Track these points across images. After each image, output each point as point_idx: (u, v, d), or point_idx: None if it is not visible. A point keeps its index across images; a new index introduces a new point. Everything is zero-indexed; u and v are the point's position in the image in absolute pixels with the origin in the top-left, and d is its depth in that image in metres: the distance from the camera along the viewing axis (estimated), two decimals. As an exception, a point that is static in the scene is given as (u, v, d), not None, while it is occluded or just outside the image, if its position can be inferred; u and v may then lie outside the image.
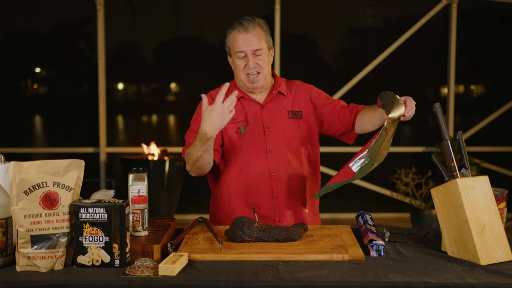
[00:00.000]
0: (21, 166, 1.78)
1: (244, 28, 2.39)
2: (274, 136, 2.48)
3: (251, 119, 2.49)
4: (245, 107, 2.51)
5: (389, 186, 6.40)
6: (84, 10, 6.51)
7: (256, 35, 2.40)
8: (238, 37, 2.40)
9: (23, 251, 1.76)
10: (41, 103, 6.84)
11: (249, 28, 2.39)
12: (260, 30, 2.42)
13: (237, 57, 2.43)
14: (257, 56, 2.41)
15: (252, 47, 2.39)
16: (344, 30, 7.07)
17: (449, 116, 6.72)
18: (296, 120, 2.52)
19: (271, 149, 2.47)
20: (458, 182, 1.90)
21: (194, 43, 6.86)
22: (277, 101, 2.52)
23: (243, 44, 2.39)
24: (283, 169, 2.47)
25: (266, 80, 2.48)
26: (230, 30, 2.44)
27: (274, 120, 2.49)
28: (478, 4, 6.87)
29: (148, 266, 1.74)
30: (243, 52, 2.40)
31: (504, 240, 1.92)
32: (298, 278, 1.71)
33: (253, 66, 2.41)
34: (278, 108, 2.51)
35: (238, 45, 2.40)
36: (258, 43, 2.39)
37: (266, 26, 2.46)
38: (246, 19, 2.41)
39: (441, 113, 2.04)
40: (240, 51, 2.40)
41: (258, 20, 2.44)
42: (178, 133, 7.11)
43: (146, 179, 2.09)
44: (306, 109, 2.54)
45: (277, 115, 2.50)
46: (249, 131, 2.48)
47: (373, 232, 2.07)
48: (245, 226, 2.03)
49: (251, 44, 2.39)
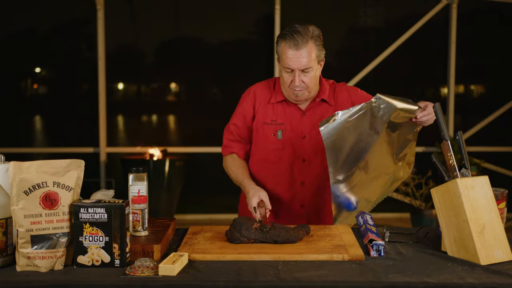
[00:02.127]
0: (21, 166, 1.78)
1: (295, 44, 2.27)
2: (310, 146, 2.44)
3: (290, 125, 2.44)
4: (286, 111, 2.45)
5: (389, 186, 6.39)
6: (84, 10, 6.50)
7: (307, 51, 2.28)
8: (288, 52, 2.29)
9: (23, 251, 1.76)
10: (41, 103, 6.83)
11: (300, 45, 2.27)
12: (312, 45, 2.30)
13: (285, 71, 2.34)
14: (304, 73, 2.32)
15: (301, 66, 2.29)
16: (344, 30, 7.06)
17: (449, 116, 6.71)
18: None
19: (305, 158, 2.45)
20: (458, 182, 1.90)
21: (194, 43, 6.85)
22: (318, 109, 2.45)
23: (292, 61, 2.29)
24: (313, 178, 2.46)
25: (310, 95, 2.41)
26: (281, 40, 2.32)
27: (312, 129, 2.44)
28: (478, 4, 6.87)
29: (148, 266, 1.74)
30: (291, 69, 2.31)
31: (504, 240, 1.92)
32: (298, 278, 1.71)
33: (299, 84, 2.32)
34: (319, 116, 2.44)
35: (286, 61, 2.30)
36: (307, 61, 2.29)
37: (319, 38, 2.33)
38: (298, 31, 2.28)
39: (441, 113, 2.04)
40: (288, 67, 2.31)
41: (312, 31, 2.31)
42: (178, 133, 7.11)
43: (146, 179, 2.09)
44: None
45: (317, 124, 2.41)
46: (286, 137, 2.43)
47: (373, 232, 2.07)
48: (243, 228, 2.02)
49: (300, 62, 2.28)
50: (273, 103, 2.46)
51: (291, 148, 2.44)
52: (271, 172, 2.48)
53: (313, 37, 2.31)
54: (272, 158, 2.47)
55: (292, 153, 2.44)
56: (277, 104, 2.46)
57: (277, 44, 2.37)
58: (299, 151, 2.45)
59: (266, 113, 2.46)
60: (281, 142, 2.44)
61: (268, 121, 2.45)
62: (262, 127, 2.45)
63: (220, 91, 6.90)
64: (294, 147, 2.44)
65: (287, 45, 2.29)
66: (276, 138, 2.44)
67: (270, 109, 2.46)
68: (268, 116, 2.45)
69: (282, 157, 2.45)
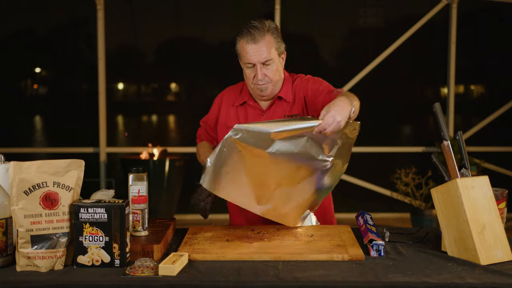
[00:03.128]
0: (21, 166, 1.78)
1: (252, 38, 2.29)
2: None
3: None
4: (248, 113, 2.48)
5: (389, 186, 6.40)
6: (84, 10, 6.50)
7: (265, 44, 2.29)
8: (247, 47, 2.30)
9: (23, 251, 1.76)
10: (41, 103, 6.83)
11: (258, 38, 2.28)
12: (270, 37, 2.31)
13: (246, 67, 2.36)
14: (266, 66, 2.32)
15: (261, 59, 2.30)
16: (344, 30, 7.06)
17: (449, 116, 6.71)
18: None
19: None
20: (458, 182, 1.90)
21: (194, 43, 6.86)
22: (277, 106, 2.46)
23: (252, 56, 2.30)
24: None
25: (275, 88, 2.40)
26: (239, 37, 2.35)
27: None
28: (478, 4, 6.87)
29: (148, 266, 1.74)
30: (252, 63, 2.32)
31: (504, 240, 1.92)
32: (298, 278, 1.71)
33: (262, 78, 2.33)
34: (277, 113, 2.45)
35: (247, 56, 2.31)
36: (267, 54, 2.30)
37: (276, 30, 2.34)
38: (254, 26, 2.30)
39: (441, 113, 2.04)
40: (248, 62, 2.32)
41: (268, 25, 2.33)
42: (178, 133, 7.11)
43: (146, 179, 2.09)
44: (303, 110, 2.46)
45: None
46: None
47: (373, 232, 2.07)
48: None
49: (260, 55, 2.29)
50: (236, 106, 2.49)
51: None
52: None
53: (270, 30, 2.32)
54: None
55: None
56: (241, 107, 2.48)
57: (235, 44, 2.38)
58: None
59: (229, 116, 2.49)
60: None
61: (231, 124, 2.38)
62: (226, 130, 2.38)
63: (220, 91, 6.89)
64: None
65: (245, 41, 2.31)
66: None
67: (234, 112, 2.49)
68: (231, 119, 2.47)
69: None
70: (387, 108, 6.91)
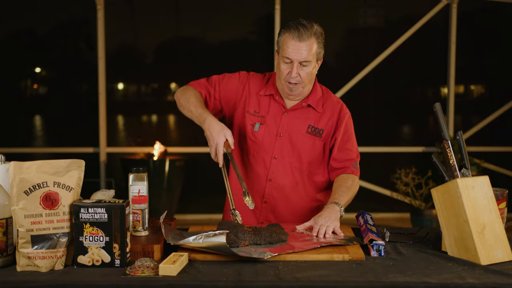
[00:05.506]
0: (22, 166, 1.78)
1: (298, 35, 2.28)
2: (284, 145, 2.44)
3: (270, 120, 2.46)
4: (271, 105, 2.47)
5: (389, 186, 6.40)
6: (84, 10, 6.50)
7: (309, 45, 2.29)
8: (290, 43, 2.29)
9: (24, 251, 1.76)
10: (41, 103, 6.83)
11: (304, 37, 2.28)
12: (314, 40, 2.31)
13: (283, 61, 2.34)
14: (302, 67, 2.32)
15: (300, 58, 2.29)
16: (344, 30, 7.07)
17: (449, 116, 6.72)
18: (313, 137, 2.45)
19: (276, 155, 2.45)
20: (459, 182, 1.90)
21: (194, 43, 6.86)
22: (302, 112, 2.45)
23: (292, 52, 2.29)
24: (281, 177, 2.45)
25: (304, 91, 2.40)
26: (284, 30, 2.33)
27: (290, 129, 2.44)
28: (478, 4, 6.87)
29: (149, 266, 1.74)
30: (290, 59, 2.31)
31: (504, 240, 1.92)
32: (298, 278, 1.71)
33: (295, 76, 2.32)
34: (300, 118, 2.45)
35: (287, 51, 2.30)
36: (307, 55, 2.30)
37: (321, 36, 2.35)
38: (303, 24, 2.29)
39: (441, 113, 2.04)
40: (287, 57, 2.31)
41: (316, 28, 2.33)
42: (178, 133, 7.11)
43: (146, 179, 2.09)
44: (328, 131, 2.47)
45: (296, 125, 2.45)
46: (262, 130, 2.45)
47: (373, 232, 2.07)
48: (239, 231, 1.99)
49: (300, 54, 2.29)
50: (261, 95, 2.48)
51: (265, 143, 2.45)
52: (241, 162, 2.50)
53: (316, 34, 2.32)
54: (244, 148, 2.49)
55: (264, 148, 2.45)
56: (265, 97, 2.47)
57: (279, 35, 2.37)
58: (271, 147, 2.45)
59: (251, 103, 2.48)
60: (257, 134, 2.46)
61: (251, 111, 2.47)
62: (244, 115, 2.47)
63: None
64: (268, 142, 2.45)
65: (291, 36, 2.30)
66: (253, 129, 2.46)
67: (256, 100, 2.48)
68: (252, 106, 2.47)
69: (255, 149, 2.47)
70: (387, 108, 6.92)
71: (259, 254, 1.87)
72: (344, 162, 2.46)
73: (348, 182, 2.40)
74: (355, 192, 2.42)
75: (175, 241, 1.95)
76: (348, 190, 2.37)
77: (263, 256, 1.85)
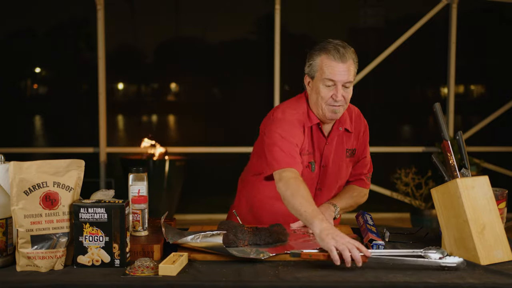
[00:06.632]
0: (21, 166, 1.78)
1: (340, 57, 2.19)
2: (328, 175, 2.38)
3: (316, 154, 2.35)
4: (314, 137, 2.34)
5: (389, 186, 6.40)
6: (84, 10, 6.50)
7: (350, 65, 2.22)
8: (332, 64, 2.20)
9: (23, 251, 1.76)
10: (41, 103, 6.83)
11: (346, 58, 2.20)
12: (353, 61, 2.23)
13: (325, 84, 2.22)
14: (345, 89, 2.23)
15: (344, 79, 2.20)
16: (344, 30, 7.07)
17: (449, 116, 6.71)
18: (350, 158, 2.42)
19: (321, 187, 2.39)
20: (458, 182, 1.90)
21: (194, 43, 6.86)
22: (340, 138, 2.38)
23: (336, 74, 2.20)
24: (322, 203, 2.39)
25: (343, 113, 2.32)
26: (321, 52, 2.23)
27: (333, 158, 2.38)
28: (478, 4, 6.87)
29: (148, 266, 1.74)
30: (333, 82, 2.21)
31: (504, 240, 1.92)
32: (298, 278, 1.71)
33: (341, 99, 2.23)
34: (340, 145, 2.38)
35: (330, 73, 2.20)
36: (350, 76, 2.22)
37: (355, 55, 2.26)
38: (341, 45, 2.22)
39: (441, 113, 2.04)
40: (330, 79, 2.21)
41: (351, 49, 2.26)
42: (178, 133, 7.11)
43: (146, 179, 2.09)
44: (358, 147, 2.45)
45: (337, 153, 2.38)
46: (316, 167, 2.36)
47: (373, 232, 2.07)
48: (238, 231, 1.99)
49: (344, 75, 2.20)
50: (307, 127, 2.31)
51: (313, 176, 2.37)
52: None
53: (353, 53, 2.25)
54: None
55: (310, 180, 2.35)
56: (307, 129, 2.31)
57: (312, 58, 2.26)
58: (316, 179, 2.38)
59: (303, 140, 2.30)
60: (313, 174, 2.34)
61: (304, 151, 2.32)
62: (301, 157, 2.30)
63: (220, 91, 6.91)
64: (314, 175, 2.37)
65: (332, 57, 2.20)
66: (310, 170, 2.33)
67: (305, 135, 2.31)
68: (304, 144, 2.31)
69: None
70: (387, 108, 6.92)
71: (257, 254, 1.87)
72: (360, 175, 2.48)
73: (354, 192, 2.43)
74: (358, 202, 2.42)
75: (174, 240, 1.96)
76: (350, 198, 2.39)
77: (260, 256, 1.85)
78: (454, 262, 1.78)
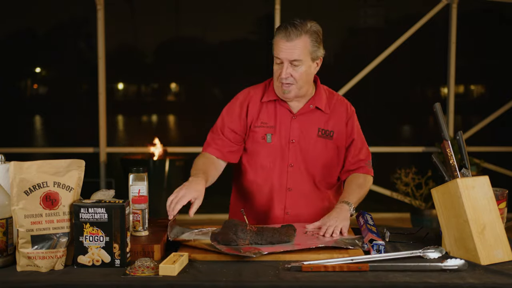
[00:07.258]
0: (22, 166, 1.78)
1: (286, 35, 2.23)
2: (298, 151, 2.40)
3: (280, 128, 2.39)
4: (277, 112, 2.40)
5: (389, 186, 6.40)
6: (84, 10, 6.50)
7: (299, 44, 2.23)
8: (279, 43, 2.25)
9: (24, 251, 1.76)
10: (41, 103, 6.83)
11: (292, 37, 2.23)
12: (307, 39, 2.24)
13: (275, 62, 2.30)
14: (294, 67, 2.26)
15: (290, 57, 2.24)
16: (344, 30, 7.07)
17: (449, 116, 6.71)
18: (324, 140, 2.41)
19: (292, 163, 2.40)
20: (459, 182, 1.90)
21: (194, 43, 6.86)
22: (310, 115, 2.40)
23: (281, 52, 2.25)
24: (299, 184, 2.41)
25: (300, 91, 2.34)
26: (276, 31, 2.29)
27: (302, 134, 2.40)
28: (478, 4, 6.87)
29: (149, 266, 1.74)
30: (280, 59, 2.27)
31: (505, 240, 1.92)
32: (298, 278, 1.71)
33: (286, 77, 2.27)
34: (310, 122, 2.40)
35: (277, 51, 2.27)
36: (298, 54, 2.24)
37: (316, 34, 2.27)
38: (294, 24, 2.24)
39: (441, 113, 2.04)
40: (277, 57, 2.28)
41: (310, 26, 2.27)
42: (178, 133, 7.11)
43: (146, 179, 2.09)
44: (338, 131, 2.43)
45: (307, 129, 2.40)
46: (275, 140, 2.39)
47: (373, 232, 2.07)
48: (239, 230, 1.97)
49: (290, 53, 2.24)
50: (264, 103, 2.41)
51: (279, 153, 2.40)
52: (260, 177, 2.43)
53: (309, 32, 2.26)
54: (261, 162, 2.42)
55: (280, 158, 2.40)
56: (269, 105, 2.41)
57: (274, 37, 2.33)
58: (286, 155, 2.40)
59: (258, 113, 2.40)
60: (270, 145, 2.39)
61: (258, 124, 2.40)
62: (253, 130, 2.40)
63: (220, 91, 6.91)
64: (282, 151, 2.39)
65: (280, 36, 2.26)
66: (266, 141, 2.39)
67: (261, 110, 2.40)
68: (259, 118, 2.40)
69: (271, 161, 2.40)
70: (387, 108, 6.92)
71: (250, 252, 1.86)
72: (359, 162, 2.46)
73: (359, 180, 2.41)
74: (366, 190, 2.42)
75: (174, 237, 1.96)
76: (359, 188, 2.37)
77: (253, 255, 1.84)
78: (456, 264, 1.78)
